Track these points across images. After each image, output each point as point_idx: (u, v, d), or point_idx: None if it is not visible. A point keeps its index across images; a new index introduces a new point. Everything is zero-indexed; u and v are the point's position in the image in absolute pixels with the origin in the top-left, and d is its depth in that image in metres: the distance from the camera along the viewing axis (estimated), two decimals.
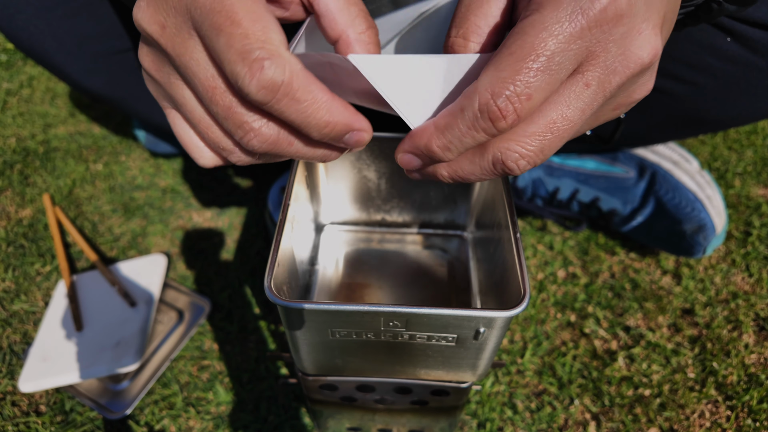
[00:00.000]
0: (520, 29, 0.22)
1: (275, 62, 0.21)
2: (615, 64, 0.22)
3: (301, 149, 0.26)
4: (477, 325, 0.31)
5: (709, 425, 0.55)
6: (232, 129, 0.24)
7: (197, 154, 0.28)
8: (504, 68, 0.21)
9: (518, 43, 0.21)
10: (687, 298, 0.66)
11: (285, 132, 0.24)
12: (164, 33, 0.24)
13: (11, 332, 0.63)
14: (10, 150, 0.89)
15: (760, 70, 0.49)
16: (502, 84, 0.21)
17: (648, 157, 0.67)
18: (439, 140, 0.24)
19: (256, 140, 0.24)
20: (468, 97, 0.22)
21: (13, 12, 0.53)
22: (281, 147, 0.25)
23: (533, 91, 0.21)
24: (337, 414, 0.48)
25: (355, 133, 0.25)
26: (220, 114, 0.24)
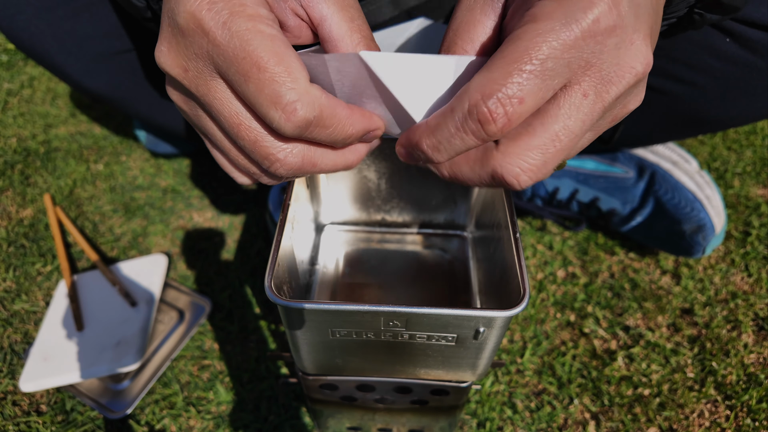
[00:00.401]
0: (514, 36, 0.22)
1: (305, 102, 0.23)
2: (611, 75, 0.22)
3: (324, 167, 0.28)
4: (477, 324, 0.31)
5: (709, 425, 0.55)
6: (259, 160, 0.26)
7: (233, 175, 0.30)
8: (495, 70, 0.21)
9: (511, 48, 0.21)
10: (686, 298, 0.66)
11: (309, 157, 0.26)
12: (187, 75, 0.25)
13: (12, 332, 0.64)
14: (11, 150, 0.89)
15: (759, 70, 0.49)
16: (492, 85, 0.21)
17: (647, 157, 0.67)
18: (429, 139, 0.24)
19: (282, 169, 0.26)
20: (458, 98, 0.22)
21: (14, 12, 0.53)
22: (305, 169, 0.27)
23: (525, 94, 0.21)
24: (337, 413, 0.48)
25: (371, 133, 0.28)
26: (246, 147, 0.26)
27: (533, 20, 0.21)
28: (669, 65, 0.52)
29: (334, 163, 0.28)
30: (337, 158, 0.28)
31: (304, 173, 0.28)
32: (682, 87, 0.53)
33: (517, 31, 0.22)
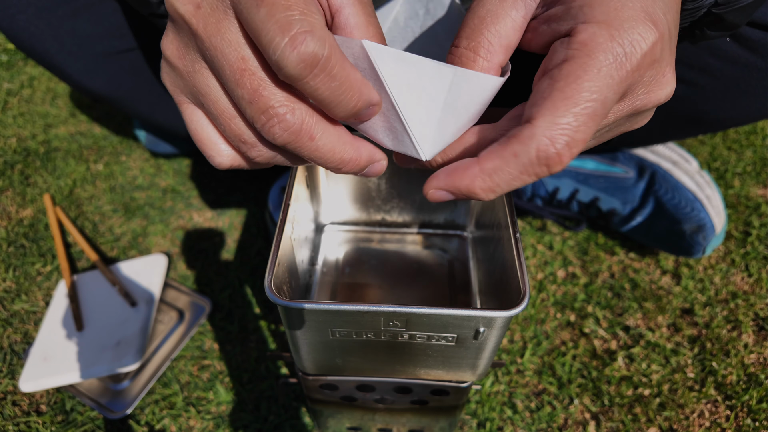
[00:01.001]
0: (572, 71, 0.22)
1: (317, 36, 0.21)
2: (637, 103, 0.24)
3: (320, 148, 0.25)
4: (477, 324, 0.31)
5: (709, 425, 0.55)
6: (255, 115, 0.23)
7: (214, 152, 0.27)
8: (562, 115, 0.21)
9: (573, 87, 0.21)
10: (686, 298, 0.66)
11: (309, 125, 0.24)
12: (198, 12, 0.23)
13: (12, 332, 0.64)
14: (11, 150, 0.89)
15: (760, 70, 0.49)
16: (561, 131, 0.21)
17: (647, 157, 0.67)
18: (485, 183, 0.23)
19: (278, 127, 0.23)
20: (523, 143, 0.22)
21: (14, 12, 0.53)
22: (302, 140, 0.24)
23: (588, 135, 0.22)
24: (337, 414, 0.48)
25: (371, 108, 0.25)
26: (245, 98, 0.23)
27: (587, 49, 0.22)
28: None
29: (333, 148, 0.25)
30: (337, 144, 0.25)
31: (299, 146, 0.24)
32: (682, 87, 0.53)
33: (573, 64, 0.22)
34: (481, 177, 0.23)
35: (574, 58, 0.22)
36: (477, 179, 0.23)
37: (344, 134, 0.26)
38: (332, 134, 0.25)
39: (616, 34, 0.22)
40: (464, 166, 0.24)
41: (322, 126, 0.24)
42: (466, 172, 0.24)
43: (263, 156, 0.26)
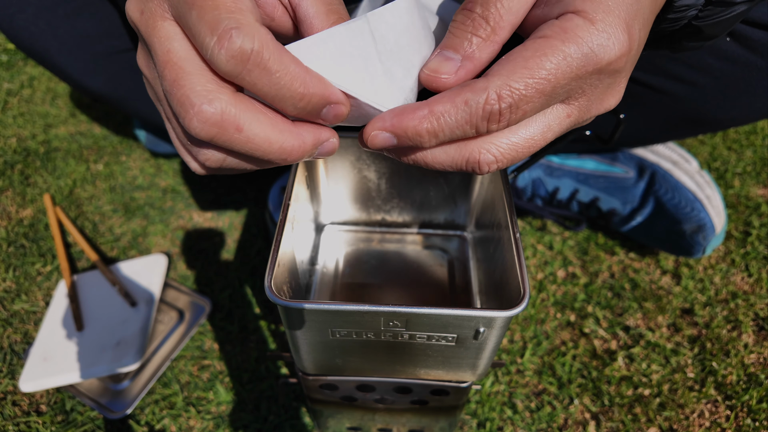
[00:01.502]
0: (541, 47, 0.23)
1: (244, 31, 0.21)
2: (591, 106, 0.26)
3: (252, 140, 0.23)
4: (477, 324, 0.31)
5: (709, 425, 0.55)
6: (175, 108, 0.22)
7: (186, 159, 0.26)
8: (517, 79, 0.22)
9: (536, 61, 0.22)
10: (686, 298, 0.66)
11: (231, 111, 0.22)
12: (141, 18, 0.24)
13: (12, 332, 0.64)
14: (11, 150, 0.89)
15: (760, 70, 0.49)
16: (510, 92, 0.22)
17: (647, 157, 0.67)
18: (431, 125, 0.24)
19: (196, 119, 0.22)
20: (475, 93, 0.23)
21: (14, 12, 0.53)
22: (228, 132, 0.22)
23: (530, 109, 0.23)
24: (337, 414, 0.48)
25: (333, 107, 0.24)
26: (167, 89, 0.22)
27: (563, 38, 0.23)
28: (669, 65, 0.52)
29: (267, 138, 0.23)
30: (272, 133, 0.23)
31: (229, 141, 0.23)
32: (682, 86, 0.53)
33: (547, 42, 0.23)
34: (428, 119, 0.23)
35: (550, 38, 0.23)
36: (425, 121, 0.23)
37: (280, 121, 0.24)
38: (264, 123, 0.23)
39: (595, 32, 0.23)
40: (414, 107, 0.24)
41: (249, 115, 0.23)
42: (415, 112, 0.24)
43: (210, 159, 0.25)
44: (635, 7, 0.24)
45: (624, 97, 0.60)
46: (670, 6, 0.30)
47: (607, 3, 0.23)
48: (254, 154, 0.24)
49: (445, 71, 0.24)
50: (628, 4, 0.24)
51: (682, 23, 0.33)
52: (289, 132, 0.24)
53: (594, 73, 0.23)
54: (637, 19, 0.24)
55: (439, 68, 0.24)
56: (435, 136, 0.24)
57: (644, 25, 0.25)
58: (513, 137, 0.25)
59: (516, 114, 0.23)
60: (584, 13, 0.23)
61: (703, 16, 0.32)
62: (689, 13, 0.32)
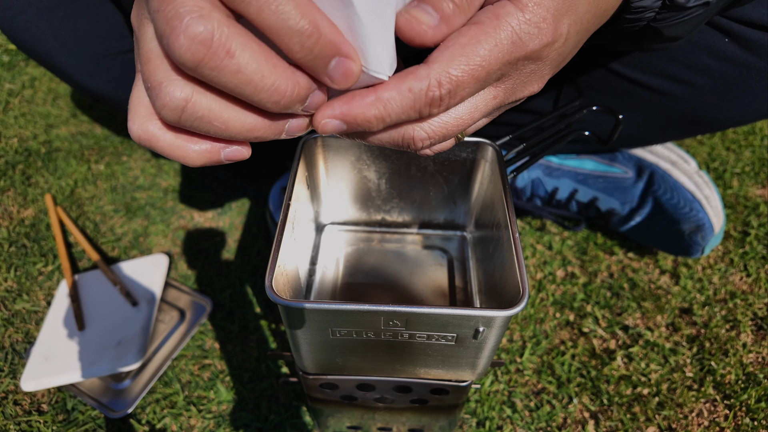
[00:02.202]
0: (476, 35, 0.24)
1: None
2: (517, 89, 0.27)
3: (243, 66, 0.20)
4: (476, 324, 0.31)
5: (708, 424, 0.55)
6: (160, 27, 0.20)
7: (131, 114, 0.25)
8: (455, 66, 0.24)
9: (471, 48, 0.24)
10: (685, 298, 0.66)
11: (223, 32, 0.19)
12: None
13: (13, 331, 0.64)
14: (13, 150, 0.90)
15: (758, 70, 0.49)
16: (449, 78, 0.24)
17: (646, 158, 0.68)
18: (378, 111, 0.24)
19: (183, 36, 0.19)
20: (418, 80, 0.23)
21: (15, 13, 0.53)
22: (217, 56, 0.20)
23: (467, 93, 0.25)
24: (337, 413, 0.48)
25: (343, 61, 0.22)
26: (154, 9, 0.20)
27: (494, 25, 0.24)
28: (668, 65, 0.52)
29: (259, 70, 0.21)
30: (266, 66, 0.21)
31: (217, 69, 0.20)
32: (680, 87, 0.53)
33: (481, 28, 0.24)
34: (375, 105, 0.24)
35: (483, 24, 0.24)
36: (372, 107, 0.24)
37: (274, 56, 0.21)
38: (258, 53, 0.20)
39: (524, 21, 0.24)
40: (361, 94, 0.24)
41: (242, 41, 0.20)
42: (363, 99, 0.24)
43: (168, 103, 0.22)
44: (567, 4, 0.25)
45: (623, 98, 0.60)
46: (627, 7, 0.32)
47: None
48: (242, 90, 0.21)
49: (426, 22, 0.24)
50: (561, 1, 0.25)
51: (641, 24, 0.34)
52: (284, 69, 0.21)
53: (521, 59, 0.25)
54: (567, 15, 0.25)
55: (420, 17, 0.24)
56: (382, 121, 0.24)
57: (576, 21, 0.26)
58: (443, 116, 0.26)
59: (454, 99, 0.24)
60: (517, 2, 0.24)
61: (660, 18, 0.33)
62: (646, 14, 0.33)
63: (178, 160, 0.25)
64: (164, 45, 0.20)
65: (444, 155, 0.45)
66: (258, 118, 0.24)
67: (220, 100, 0.22)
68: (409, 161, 0.46)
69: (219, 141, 0.25)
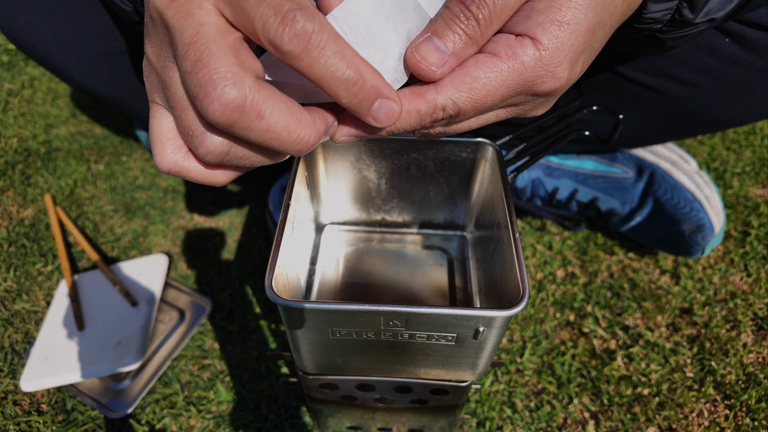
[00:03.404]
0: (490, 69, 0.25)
1: (306, 13, 0.21)
2: (520, 114, 0.30)
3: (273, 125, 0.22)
4: (476, 324, 0.31)
5: (708, 424, 0.55)
6: (194, 89, 0.21)
7: (157, 150, 0.25)
8: (462, 97, 0.26)
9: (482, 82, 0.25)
10: (685, 298, 0.66)
11: (255, 96, 0.21)
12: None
13: (13, 332, 0.64)
14: (12, 150, 0.89)
15: (759, 70, 0.49)
16: (454, 106, 0.26)
17: (646, 158, 0.68)
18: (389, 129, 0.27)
19: (217, 102, 0.21)
20: (428, 104, 0.26)
21: (15, 13, 0.53)
22: (249, 118, 0.21)
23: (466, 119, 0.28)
24: (337, 413, 0.48)
25: (385, 103, 0.24)
26: (186, 70, 0.22)
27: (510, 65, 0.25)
28: (668, 66, 0.52)
29: (287, 126, 0.23)
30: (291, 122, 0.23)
31: (248, 129, 0.22)
32: (681, 87, 0.53)
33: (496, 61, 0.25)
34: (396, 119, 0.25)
35: (501, 59, 0.25)
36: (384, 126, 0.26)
37: (297, 109, 0.23)
38: (284, 111, 0.22)
39: (540, 65, 0.25)
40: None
41: (271, 102, 0.22)
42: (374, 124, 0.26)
43: (211, 152, 0.23)
44: (587, 45, 0.26)
45: (623, 98, 0.61)
46: (638, 17, 0.33)
47: (561, 40, 0.25)
48: (271, 144, 0.23)
49: (434, 62, 0.25)
50: (582, 42, 0.26)
51: (646, 34, 0.35)
52: (306, 121, 0.23)
53: (529, 95, 0.27)
54: (583, 55, 0.27)
55: (428, 57, 0.25)
56: (390, 134, 0.28)
57: (590, 56, 0.28)
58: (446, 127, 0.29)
59: (454, 121, 0.27)
60: (538, 43, 0.25)
61: (666, 30, 0.34)
62: (654, 26, 0.34)
63: (205, 183, 0.27)
64: (197, 106, 0.22)
65: (444, 155, 0.45)
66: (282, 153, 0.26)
67: None
68: (409, 161, 0.46)
69: None
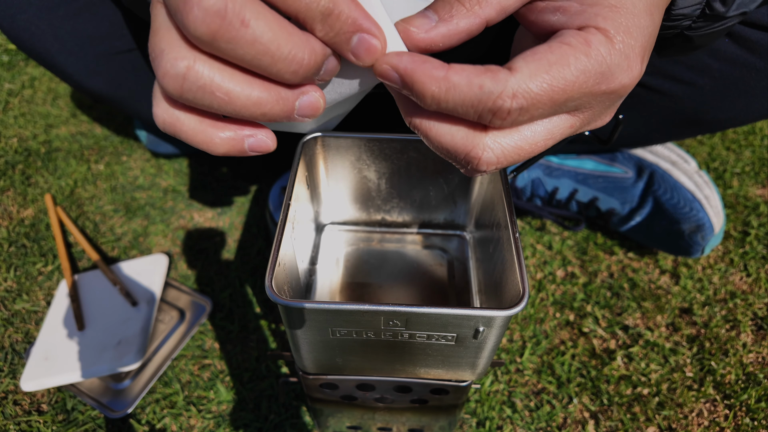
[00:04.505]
0: (566, 55, 0.22)
1: None
2: (593, 120, 0.26)
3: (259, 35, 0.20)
4: (476, 324, 0.31)
5: (708, 424, 0.55)
6: (174, 4, 0.20)
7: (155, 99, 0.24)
8: (537, 82, 0.22)
9: (559, 68, 0.22)
10: (685, 298, 0.66)
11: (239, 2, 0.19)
12: None
13: (13, 331, 0.64)
14: (12, 150, 0.89)
15: (759, 70, 0.49)
16: (526, 93, 0.22)
17: (646, 157, 0.68)
18: (439, 89, 0.22)
19: (197, 8, 0.19)
20: (496, 81, 0.22)
21: (15, 12, 0.53)
22: (232, 26, 0.19)
23: (538, 114, 0.23)
24: (337, 413, 0.48)
25: (365, 38, 0.22)
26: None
27: (585, 51, 0.23)
28: (668, 65, 0.52)
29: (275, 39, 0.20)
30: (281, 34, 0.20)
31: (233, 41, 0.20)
32: (681, 87, 0.53)
33: (571, 49, 0.23)
34: (440, 82, 0.22)
35: (574, 48, 0.23)
36: (435, 83, 0.22)
37: (287, 23, 0.21)
38: (272, 22, 0.20)
39: (615, 54, 0.23)
40: (434, 65, 0.22)
41: (256, 9, 0.19)
42: (432, 69, 0.22)
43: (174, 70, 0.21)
44: (652, 39, 0.24)
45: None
46: (668, 15, 0.31)
47: (628, 28, 0.23)
48: (260, 62, 0.20)
49: (416, 25, 0.23)
50: (648, 34, 0.24)
51: (674, 32, 0.33)
52: (299, 37, 0.21)
53: (605, 92, 0.24)
54: (649, 49, 0.24)
55: (413, 21, 0.23)
56: (437, 102, 0.23)
57: (652, 44, 0.25)
58: (514, 136, 0.24)
59: (524, 116, 0.23)
60: (606, 32, 0.23)
61: (696, 27, 0.33)
62: (684, 23, 0.32)
63: (201, 147, 0.24)
64: (178, 20, 0.20)
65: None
66: (264, 92, 0.22)
67: (224, 69, 0.21)
68: (409, 161, 0.46)
69: (242, 127, 0.24)
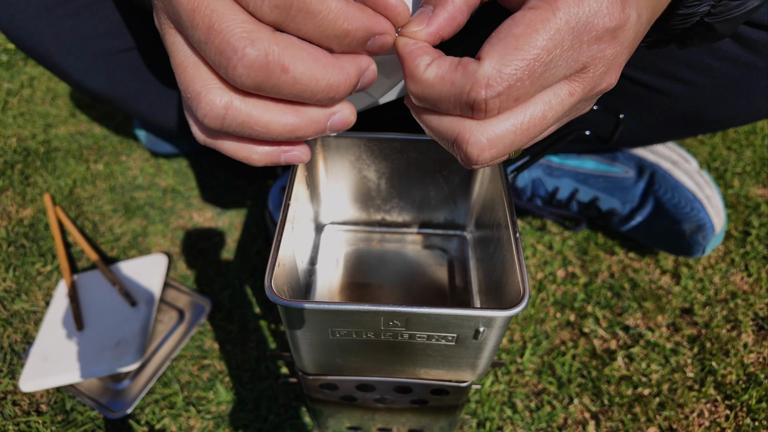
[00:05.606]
0: (532, 22, 0.21)
1: None
2: (598, 82, 0.23)
3: (299, 76, 0.21)
4: (477, 324, 0.31)
5: (708, 424, 0.55)
6: (214, 58, 0.21)
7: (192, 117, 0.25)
8: (508, 62, 0.21)
9: (527, 39, 0.21)
10: (686, 298, 0.66)
11: (274, 51, 0.21)
12: None
13: (12, 332, 0.64)
14: (11, 150, 0.89)
15: (759, 70, 0.49)
16: (497, 80, 0.21)
17: (647, 157, 0.67)
18: (416, 89, 0.23)
19: (241, 66, 0.20)
20: (466, 76, 0.21)
21: (14, 12, 0.53)
22: (275, 75, 0.21)
23: (523, 93, 0.22)
24: (337, 413, 0.48)
25: (378, 38, 0.23)
26: (200, 40, 0.21)
27: (552, 8, 0.21)
28: (669, 65, 0.52)
29: (313, 76, 0.22)
30: (317, 70, 0.22)
31: (277, 86, 0.21)
32: (681, 87, 0.53)
33: (537, 13, 0.21)
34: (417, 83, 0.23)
35: (539, 9, 0.21)
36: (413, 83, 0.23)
37: (321, 55, 0.22)
38: (307, 60, 0.22)
39: (585, 0, 0.21)
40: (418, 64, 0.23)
41: (292, 53, 0.21)
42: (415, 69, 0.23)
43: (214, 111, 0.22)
44: None
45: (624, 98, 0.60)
46: (681, 2, 0.28)
47: None
48: (302, 97, 0.22)
49: (416, 25, 0.23)
50: None
51: (693, 20, 0.31)
52: (333, 66, 0.22)
53: (594, 42, 0.21)
54: None
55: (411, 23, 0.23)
56: (419, 100, 0.23)
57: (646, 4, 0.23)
58: (508, 119, 0.23)
59: (507, 101, 0.22)
60: None
61: (716, 12, 0.30)
62: (701, 8, 0.30)
63: (241, 161, 0.25)
64: (222, 74, 0.21)
65: (444, 155, 0.45)
66: (298, 118, 0.24)
67: (260, 103, 0.23)
68: (409, 161, 0.46)
69: (280, 144, 0.25)
